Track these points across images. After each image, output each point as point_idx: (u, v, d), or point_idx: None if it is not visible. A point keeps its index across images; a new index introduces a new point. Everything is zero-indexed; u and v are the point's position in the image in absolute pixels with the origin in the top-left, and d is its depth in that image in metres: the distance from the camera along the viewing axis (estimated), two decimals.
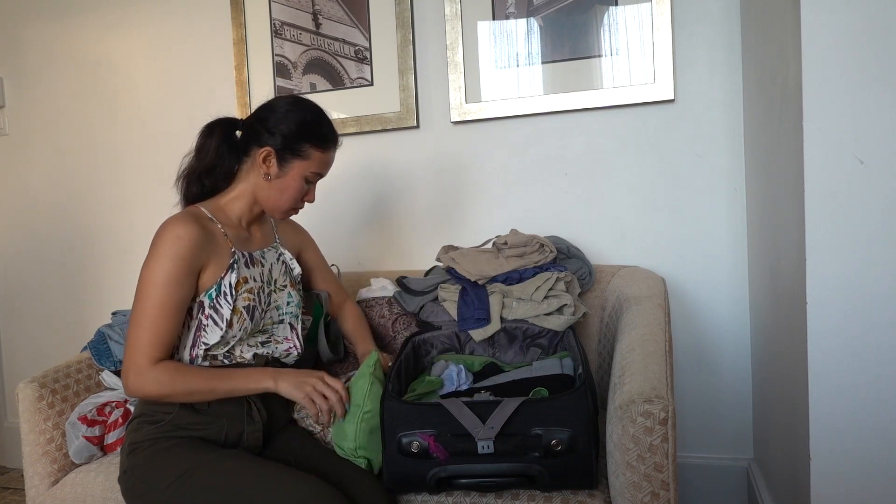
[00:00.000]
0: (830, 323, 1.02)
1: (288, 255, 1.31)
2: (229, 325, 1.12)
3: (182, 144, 2.04)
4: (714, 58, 1.60)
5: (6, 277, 2.33)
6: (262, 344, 1.21)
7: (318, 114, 1.22)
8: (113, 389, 1.44)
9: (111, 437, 1.36)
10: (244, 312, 1.15)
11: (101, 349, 1.44)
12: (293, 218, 1.36)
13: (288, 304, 1.27)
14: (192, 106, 2.04)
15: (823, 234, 1.01)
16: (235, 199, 1.22)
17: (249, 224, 1.26)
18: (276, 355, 1.23)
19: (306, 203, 1.25)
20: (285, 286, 1.27)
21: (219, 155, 1.21)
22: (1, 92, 2.24)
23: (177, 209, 1.23)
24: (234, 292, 1.14)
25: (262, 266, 1.23)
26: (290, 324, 1.27)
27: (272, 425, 1.21)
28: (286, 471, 1.02)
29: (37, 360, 2.29)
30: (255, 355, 1.19)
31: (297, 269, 1.32)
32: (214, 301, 1.12)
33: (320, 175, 1.23)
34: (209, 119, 1.27)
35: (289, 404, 1.28)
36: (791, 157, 1.09)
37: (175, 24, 2.04)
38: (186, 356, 1.13)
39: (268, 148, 1.17)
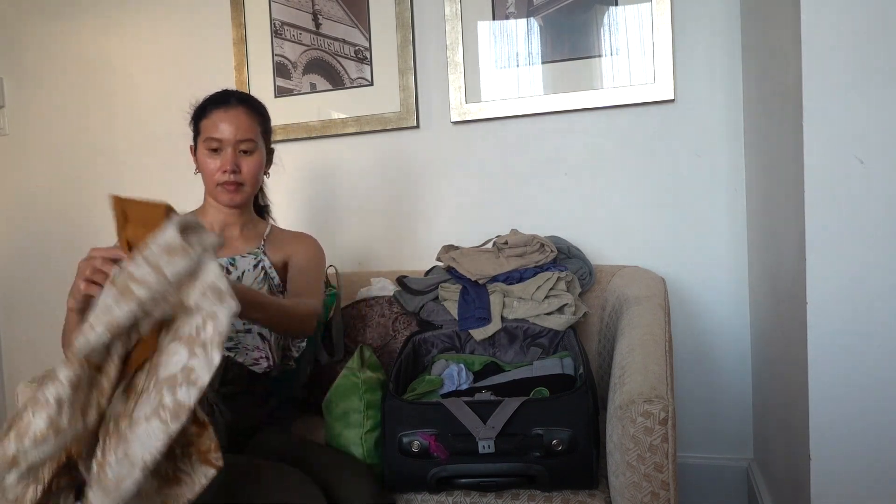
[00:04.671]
0: (830, 323, 1.02)
1: (268, 263, 1.27)
2: None
3: (182, 144, 2.05)
4: (714, 58, 1.60)
5: (6, 277, 2.33)
6: (229, 350, 1.18)
7: (207, 96, 1.27)
8: None
9: None
10: None
11: None
12: (298, 229, 1.40)
13: None
14: (192, 106, 2.03)
15: (823, 234, 1.01)
16: (206, 206, 1.29)
17: (225, 228, 1.28)
18: (241, 360, 1.19)
19: (233, 176, 1.21)
20: None
21: None
22: (1, 92, 2.24)
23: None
24: None
25: (228, 273, 1.22)
26: (259, 334, 1.22)
27: (241, 426, 1.17)
28: (271, 466, 1.01)
29: (37, 361, 2.29)
30: None
31: (275, 279, 1.28)
32: None
33: (216, 140, 1.20)
34: None
35: (263, 402, 1.25)
36: (791, 157, 1.09)
37: (175, 24, 2.04)
38: None
39: (190, 146, 1.28)
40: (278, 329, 1.17)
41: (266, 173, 1.33)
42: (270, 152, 1.33)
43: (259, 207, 1.43)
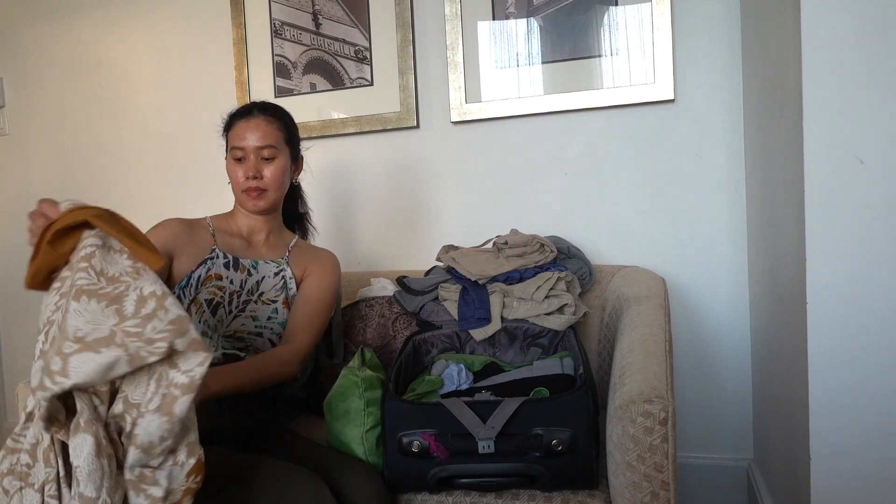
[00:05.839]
0: (830, 323, 1.02)
1: (290, 273, 1.31)
2: None
3: (182, 144, 2.07)
4: (714, 58, 1.60)
5: (6, 277, 2.33)
6: (240, 350, 1.21)
7: (233, 110, 1.32)
8: None
9: None
10: (204, 304, 1.16)
11: None
12: (324, 247, 1.45)
13: (269, 318, 1.26)
14: (193, 106, 2.04)
15: (823, 234, 1.01)
16: (235, 213, 1.33)
17: (252, 234, 1.32)
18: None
19: (255, 182, 1.25)
20: (275, 301, 1.27)
21: None
22: (1, 92, 2.24)
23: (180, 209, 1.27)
24: (199, 285, 1.19)
25: (249, 275, 1.26)
26: (269, 339, 1.25)
27: (244, 426, 1.17)
28: (280, 465, 1.00)
29: None
30: (224, 354, 1.18)
31: (294, 290, 1.31)
32: (181, 292, 1.17)
33: (239, 149, 1.25)
34: (209, 119, 1.29)
35: (268, 404, 1.25)
36: (791, 157, 1.09)
37: (175, 24, 2.04)
38: None
39: (226, 158, 1.30)
40: (253, 390, 1.12)
41: (294, 179, 1.37)
42: (298, 158, 1.36)
43: (298, 214, 1.47)
